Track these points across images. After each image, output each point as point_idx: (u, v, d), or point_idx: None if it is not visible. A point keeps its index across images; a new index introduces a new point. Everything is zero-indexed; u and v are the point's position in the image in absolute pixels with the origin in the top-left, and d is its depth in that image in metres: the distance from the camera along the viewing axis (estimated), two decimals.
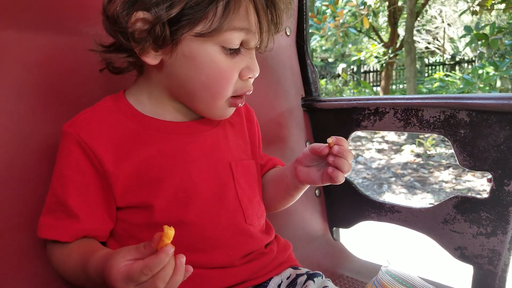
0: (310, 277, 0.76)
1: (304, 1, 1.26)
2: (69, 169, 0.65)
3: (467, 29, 4.37)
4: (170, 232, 0.50)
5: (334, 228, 1.28)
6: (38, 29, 0.78)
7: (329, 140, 0.70)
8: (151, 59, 0.64)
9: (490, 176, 0.92)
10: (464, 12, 5.89)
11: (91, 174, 0.66)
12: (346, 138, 1.18)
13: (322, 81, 9.57)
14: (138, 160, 0.67)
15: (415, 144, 5.30)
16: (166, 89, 0.69)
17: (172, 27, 0.60)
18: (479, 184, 3.93)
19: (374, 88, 10.25)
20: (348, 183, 1.21)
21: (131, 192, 0.67)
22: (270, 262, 0.77)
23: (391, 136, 6.05)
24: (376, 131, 6.20)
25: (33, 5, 0.78)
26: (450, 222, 0.99)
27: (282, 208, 0.87)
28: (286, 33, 1.25)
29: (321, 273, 0.78)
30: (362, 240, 2.55)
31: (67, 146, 0.66)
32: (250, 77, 0.68)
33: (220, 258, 0.70)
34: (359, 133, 6.32)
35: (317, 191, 1.25)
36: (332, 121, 1.22)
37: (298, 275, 0.78)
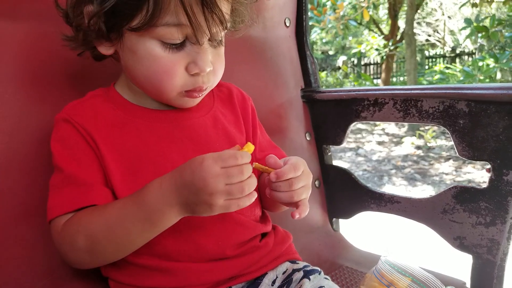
0: (307, 274, 0.73)
1: None
2: (69, 148, 0.67)
3: (467, 21, 4.35)
4: (251, 146, 0.61)
5: (334, 218, 1.29)
6: (34, 19, 0.78)
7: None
8: (104, 49, 0.68)
9: (489, 166, 0.93)
10: (464, 4, 5.85)
11: (88, 150, 0.67)
12: (346, 129, 1.18)
13: (323, 74, 9.56)
14: (124, 148, 0.68)
15: (415, 136, 5.30)
16: (130, 79, 0.72)
17: (110, 21, 0.63)
18: (479, 176, 3.93)
19: (375, 81, 10.23)
20: (347, 174, 1.22)
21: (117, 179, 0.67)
22: (265, 256, 0.76)
23: (392, 128, 6.05)
24: (377, 123, 6.19)
25: None
26: (449, 212, 1.00)
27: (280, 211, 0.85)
28: (285, 24, 1.25)
29: (319, 269, 0.75)
30: (362, 230, 2.56)
31: (62, 130, 0.68)
32: (197, 73, 0.65)
33: (209, 246, 0.69)
34: (359, 125, 6.31)
35: (316, 182, 1.26)
36: (331, 112, 1.22)
37: (294, 270, 0.76)
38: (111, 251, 0.63)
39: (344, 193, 1.23)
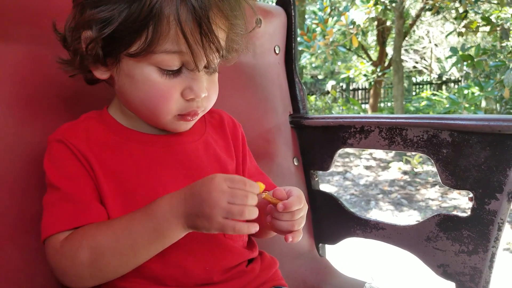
0: None
1: (293, 21, 1.29)
2: (63, 168, 0.66)
3: (453, 50, 4.46)
4: (261, 185, 0.62)
5: (320, 244, 1.29)
6: (29, 41, 0.79)
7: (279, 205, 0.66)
8: (100, 73, 0.69)
9: (471, 195, 0.95)
10: (450, 33, 6.04)
11: (83, 170, 0.67)
12: (333, 155, 1.20)
13: (312, 98, 9.66)
14: (117, 170, 0.68)
15: (402, 161, 5.35)
16: (124, 103, 0.73)
17: (108, 46, 0.64)
18: (464, 202, 3.97)
19: (363, 106, 10.37)
20: (334, 199, 1.23)
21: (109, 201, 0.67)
22: (251, 282, 0.76)
23: (379, 153, 6.11)
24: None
25: (24, 17, 0.79)
26: (433, 240, 1.01)
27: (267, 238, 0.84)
28: (275, 51, 1.28)
29: None
30: (348, 256, 2.56)
31: (55, 150, 0.68)
32: (192, 98, 0.67)
33: (196, 271, 0.69)
34: (347, 149, 6.36)
35: None
36: (319, 138, 1.24)
37: None
38: (114, 265, 0.62)
39: (331, 219, 1.24)
